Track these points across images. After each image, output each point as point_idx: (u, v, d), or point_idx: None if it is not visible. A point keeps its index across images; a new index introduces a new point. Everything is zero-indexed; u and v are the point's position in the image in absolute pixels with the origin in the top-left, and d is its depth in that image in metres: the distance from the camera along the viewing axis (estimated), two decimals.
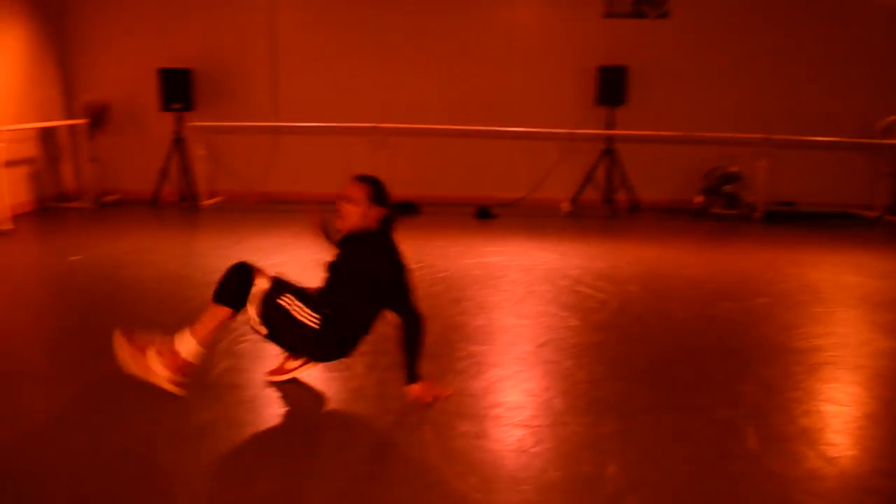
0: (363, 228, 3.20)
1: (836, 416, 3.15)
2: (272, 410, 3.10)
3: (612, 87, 7.85)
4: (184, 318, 4.23)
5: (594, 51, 8.07)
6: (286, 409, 3.12)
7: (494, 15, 8.18)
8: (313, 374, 3.47)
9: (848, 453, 2.81)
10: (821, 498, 2.51)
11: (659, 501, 2.46)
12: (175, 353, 3.00)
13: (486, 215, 7.61)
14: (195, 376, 3.40)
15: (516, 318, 4.40)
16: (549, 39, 8.19)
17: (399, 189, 8.50)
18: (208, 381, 3.37)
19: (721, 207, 7.96)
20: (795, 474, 2.64)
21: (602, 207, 8.16)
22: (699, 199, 7.95)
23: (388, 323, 3.19)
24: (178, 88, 7.93)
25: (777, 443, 2.87)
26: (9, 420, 3.01)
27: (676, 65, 8.14)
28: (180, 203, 8.33)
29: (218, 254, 5.88)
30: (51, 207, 8.04)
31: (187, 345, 3.00)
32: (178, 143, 8.13)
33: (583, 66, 8.09)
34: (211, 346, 3.23)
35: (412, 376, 3.10)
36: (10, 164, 7.27)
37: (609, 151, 8.05)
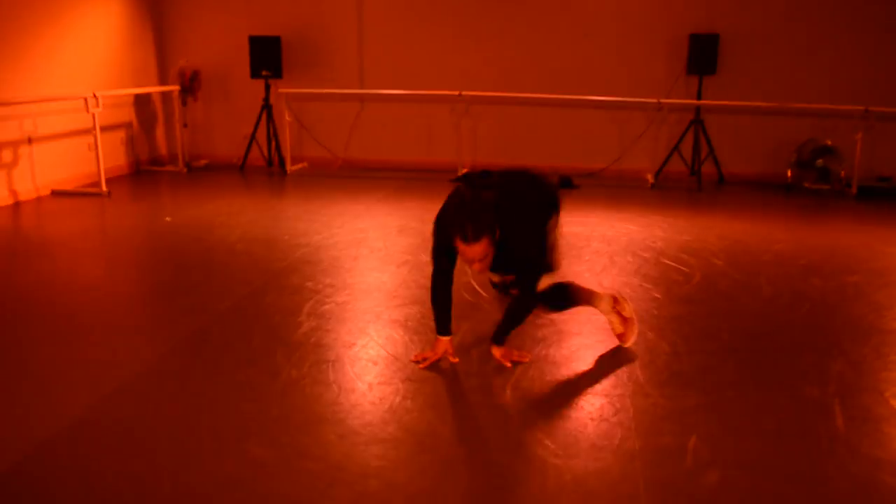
0: None
1: None
2: (354, 371, 3.18)
3: (703, 55, 7.63)
4: (273, 279, 4.40)
5: (686, 18, 7.84)
6: (367, 369, 3.20)
7: None
8: (396, 337, 3.54)
9: None
10: None
11: (739, 477, 2.43)
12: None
13: (567, 185, 7.53)
14: (282, 336, 3.52)
15: (598, 288, 4.36)
16: (639, 5, 7.99)
17: (480, 157, 8.56)
18: (293, 341, 3.47)
19: (813, 182, 7.69)
20: (884, 455, 2.57)
21: (688, 179, 7.98)
22: (790, 172, 7.69)
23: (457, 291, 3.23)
24: (267, 56, 8.09)
25: (865, 423, 2.79)
26: (108, 369, 3.17)
27: (770, 33, 7.84)
28: (267, 168, 8.53)
29: (305, 217, 6.02)
30: (144, 171, 8.35)
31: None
32: (267, 109, 8.31)
33: (674, 34, 7.88)
34: None
35: (499, 338, 3.22)
36: (107, 128, 7.58)
37: (697, 122, 7.84)
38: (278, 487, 2.33)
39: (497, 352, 3.23)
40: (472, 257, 2.87)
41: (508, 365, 3.19)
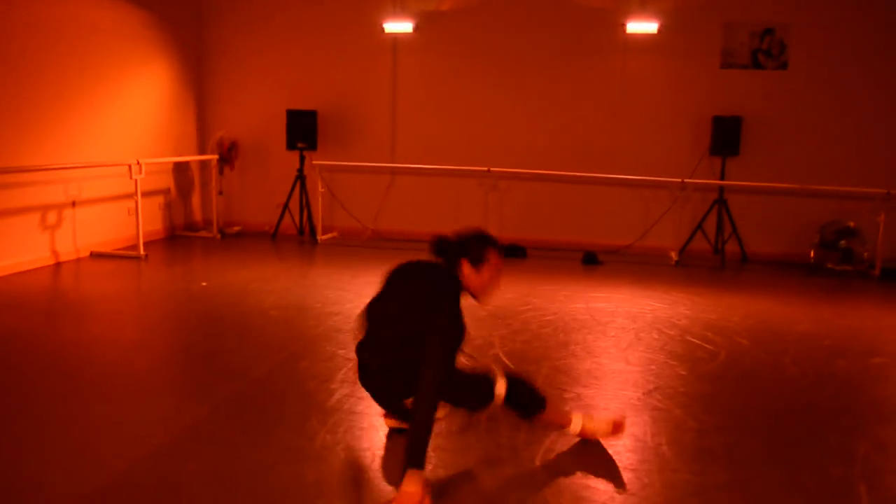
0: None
1: None
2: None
3: (726, 137, 7.82)
4: (307, 346, 4.52)
5: (710, 101, 8.07)
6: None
7: (610, 63, 8.30)
8: None
9: None
10: None
11: None
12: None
13: (592, 261, 7.66)
14: (317, 402, 3.62)
15: (624, 364, 4.44)
16: (665, 89, 8.24)
17: (508, 232, 8.71)
18: (328, 407, 3.57)
19: (837, 263, 7.76)
20: None
21: (711, 258, 8.08)
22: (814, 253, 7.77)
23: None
24: (303, 128, 8.40)
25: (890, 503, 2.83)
26: (146, 429, 3.28)
27: (792, 116, 8.03)
28: (298, 237, 8.74)
29: (336, 286, 6.17)
30: (179, 235, 8.59)
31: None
32: (300, 179, 8.57)
33: (698, 116, 8.10)
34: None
35: (416, 460, 2.64)
36: (146, 194, 7.84)
37: (721, 201, 7.99)
38: None
39: (411, 486, 2.59)
40: (500, 271, 3.05)
41: None
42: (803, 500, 2.86)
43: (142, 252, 7.12)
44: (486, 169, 8.19)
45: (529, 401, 3.13)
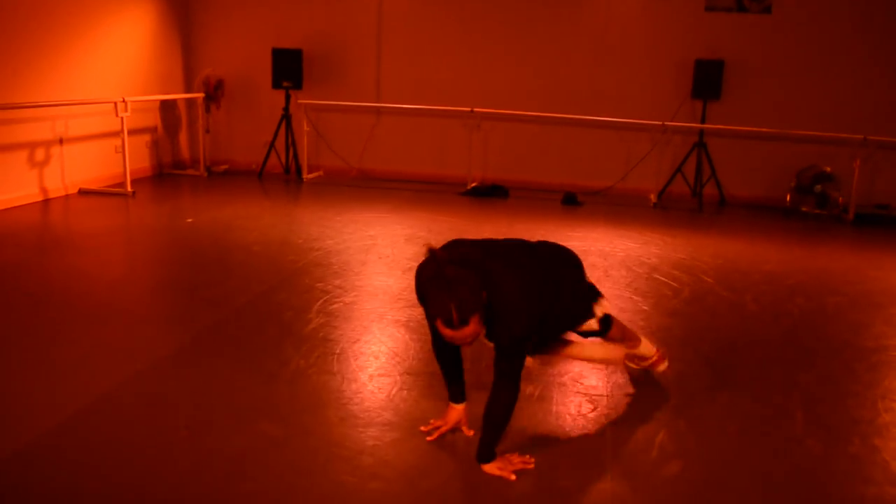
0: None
1: (890, 410, 3.27)
2: (357, 363, 3.46)
3: (708, 80, 7.91)
4: (286, 279, 4.69)
5: (693, 44, 8.13)
6: (368, 363, 3.48)
7: (594, 5, 8.32)
8: (397, 335, 3.83)
9: (894, 444, 2.96)
10: (862, 482, 2.68)
11: (698, 469, 2.70)
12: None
13: (572, 202, 7.81)
14: (293, 330, 3.81)
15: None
16: (647, 31, 8.29)
17: (491, 172, 8.83)
18: (303, 335, 3.76)
19: (812, 207, 7.93)
20: (836, 457, 2.82)
21: (690, 200, 8.24)
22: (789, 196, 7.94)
23: None
24: (288, 67, 8.44)
25: (824, 429, 3.04)
26: (131, 354, 3.48)
27: (775, 61, 8.11)
28: (284, 175, 8.86)
29: (319, 223, 6.32)
30: (167, 174, 8.70)
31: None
32: (286, 118, 8.64)
33: (680, 59, 8.17)
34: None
35: (488, 454, 2.63)
36: (133, 132, 7.93)
37: (700, 145, 8.11)
38: (284, 459, 2.61)
39: (492, 469, 2.60)
40: (462, 340, 2.41)
41: (513, 478, 2.57)
42: (741, 422, 3.07)
43: (129, 189, 7.24)
44: (469, 109, 8.28)
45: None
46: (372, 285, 4.70)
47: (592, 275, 5.10)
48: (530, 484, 2.55)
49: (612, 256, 5.67)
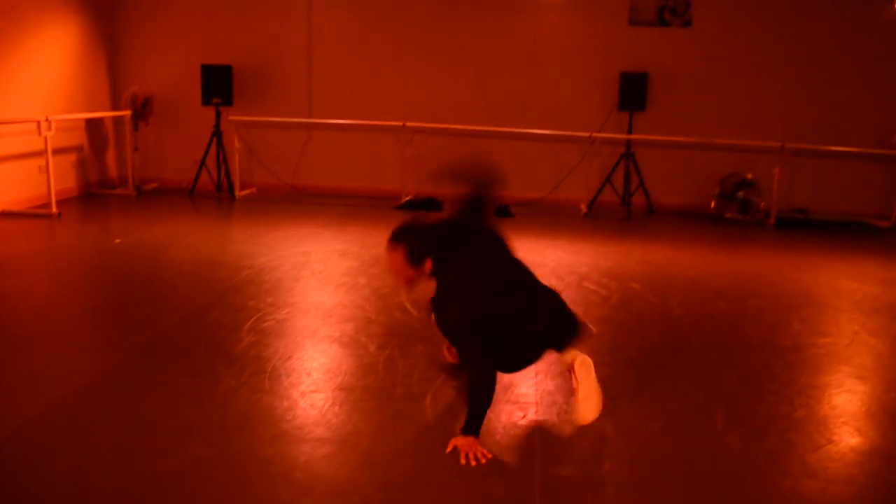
0: (428, 279, 3.05)
1: (805, 406, 3.43)
2: (289, 381, 3.47)
3: (633, 92, 8.14)
4: (218, 298, 4.66)
5: (618, 57, 8.35)
6: (301, 379, 3.49)
7: (522, 19, 8.49)
8: (330, 351, 3.84)
9: (809, 438, 3.10)
10: (780, 475, 2.80)
11: (623, 471, 2.79)
12: None
13: (504, 213, 7.92)
14: (224, 350, 3.79)
15: None
16: (574, 45, 8.48)
17: (424, 186, 8.87)
18: (234, 354, 3.75)
19: (735, 213, 8.21)
20: (755, 452, 2.94)
21: (619, 209, 8.45)
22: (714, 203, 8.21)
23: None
24: (218, 84, 8.37)
25: (743, 426, 3.17)
26: (57, 379, 3.41)
27: (697, 72, 8.39)
28: (216, 193, 8.77)
29: (251, 241, 6.28)
30: (94, 193, 8.52)
31: None
32: (217, 135, 8.57)
33: (606, 72, 8.38)
34: None
35: (472, 429, 2.82)
36: (59, 151, 7.76)
37: (628, 155, 8.33)
38: (215, 480, 2.61)
39: (460, 441, 2.79)
40: (387, 265, 2.96)
41: (463, 462, 2.73)
42: (664, 421, 3.18)
43: (54, 210, 7.08)
44: (401, 124, 8.35)
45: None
46: (305, 302, 4.70)
47: None
48: (461, 493, 2.60)
49: (543, 266, 5.77)
